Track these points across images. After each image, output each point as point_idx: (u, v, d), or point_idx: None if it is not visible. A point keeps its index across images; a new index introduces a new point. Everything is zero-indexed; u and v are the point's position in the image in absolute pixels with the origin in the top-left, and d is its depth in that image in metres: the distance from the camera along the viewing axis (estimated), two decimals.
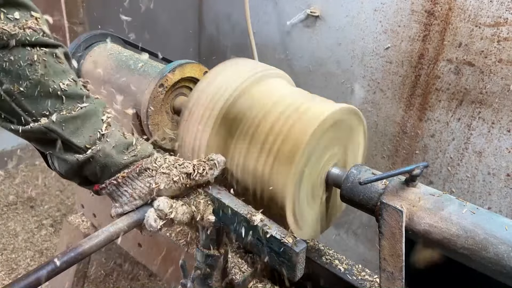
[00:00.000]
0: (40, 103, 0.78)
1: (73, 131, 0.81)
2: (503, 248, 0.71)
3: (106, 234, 0.82)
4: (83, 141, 0.82)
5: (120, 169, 0.87)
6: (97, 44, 1.56)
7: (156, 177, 0.89)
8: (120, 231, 0.84)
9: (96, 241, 0.80)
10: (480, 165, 1.55)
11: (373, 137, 1.85)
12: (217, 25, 2.45)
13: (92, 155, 0.83)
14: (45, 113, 0.78)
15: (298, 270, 0.83)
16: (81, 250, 0.77)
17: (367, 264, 1.56)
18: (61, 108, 0.80)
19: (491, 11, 1.40)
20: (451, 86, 1.56)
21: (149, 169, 0.89)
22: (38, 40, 0.77)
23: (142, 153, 0.90)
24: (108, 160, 0.85)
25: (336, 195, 1.11)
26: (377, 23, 1.71)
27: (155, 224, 0.87)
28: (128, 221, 0.86)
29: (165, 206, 0.88)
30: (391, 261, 0.84)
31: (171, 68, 1.27)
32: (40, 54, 0.77)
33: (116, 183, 0.87)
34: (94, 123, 0.84)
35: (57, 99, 0.79)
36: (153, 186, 0.88)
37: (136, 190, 0.88)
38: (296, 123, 0.96)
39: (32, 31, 0.76)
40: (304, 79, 2.04)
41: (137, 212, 0.89)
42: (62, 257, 0.75)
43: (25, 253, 2.48)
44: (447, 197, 0.83)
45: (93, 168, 0.85)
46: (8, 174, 3.20)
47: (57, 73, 0.80)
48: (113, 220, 0.87)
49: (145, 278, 2.40)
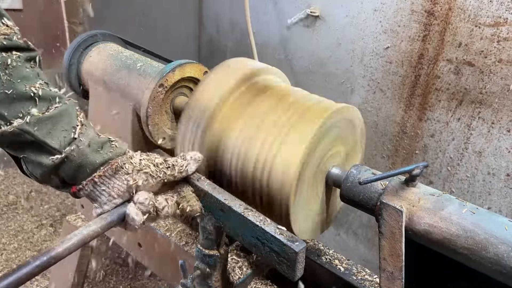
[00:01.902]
0: (14, 105, 0.78)
1: (47, 132, 0.81)
2: (503, 248, 0.71)
3: (79, 236, 0.80)
4: (57, 142, 0.82)
5: (96, 168, 0.86)
6: (97, 44, 1.56)
7: (133, 174, 0.88)
8: (94, 233, 0.83)
9: (69, 244, 0.79)
10: (480, 165, 1.55)
11: (373, 137, 1.85)
12: (217, 25, 2.45)
13: (67, 155, 0.82)
14: (18, 115, 0.79)
15: (297, 270, 0.83)
16: (54, 253, 0.76)
17: (367, 264, 1.56)
18: (35, 109, 0.80)
19: (491, 11, 1.40)
20: (451, 86, 1.56)
21: (125, 166, 0.88)
22: (12, 45, 0.79)
23: (117, 151, 0.90)
24: (83, 160, 0.85)
25: (336, 194, 1.11)
26: (377, 23, 1.71)
27: (137, 218, 0.87)
28: (102, 223, 0.85)
29: (144, 199, 0.88)
30: (391, 261, 0.84)
31: (171, 68, 1.27)
32: (14, 59, 0.78)
33: (93, 182, 0.86)
34: (67, 123, 0.84)
35: (30, 101, 0.80)
36: (131, 183, 0.87)
37: (114, 189, 0.87)
38: (314, 106, 1.00)
39: (6, 36, 0.78)
40: (304, 79, 2.04)
41: (111, 213, 0.87)
42: (34, 262, 0.74)
43: (25, 253, 2.48)
44: (447, 197, 0.83)
45: (69, 169, 0.84)
46: (8, 174, 3.20)
47: (30, 75, 0.81)
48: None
49: (145, 278, 2.40)
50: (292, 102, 1.03)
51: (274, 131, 0.99)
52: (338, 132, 1.02)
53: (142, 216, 0.88)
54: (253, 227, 0.88)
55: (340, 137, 1.05)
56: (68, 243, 0.79)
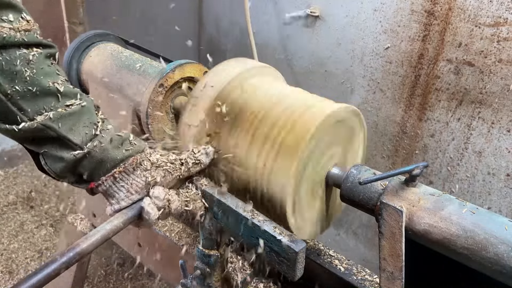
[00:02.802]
0: (37, 101, 0.79)
1: (70, 127, 0.82)
2: (503, 248, 0.71)
3: (102, 232, 0.82)
4: (79, 137, 0.83)
5: (116, 164, 0.88)
6: (97, 44, 1.56)
7: (152, 171, 0.90)
8: (116, 228, 0.84)
9: (93, 240, 0.80)
10: (480, 165, 1.55)
11: (373, 137, 1.85)
12: (217, 25, 2.45)
13: (89, 151, 0.84)
14: (41, 111, 0.79)
15: (297, 270, 0.83)
16: (79, 249, 0.77)
17: (367, 264, 1.56)
18: (57, 105, 0.81)
19: (491, 11, 1.40)
20: (451, 86, 1.56)
21: (144, 163, 0.90)
22: (33, 41, 0.79)
23: (136, 148, 0.91)
24: (104, 155, 0.86)
25: (336, 194, 1.11)
26: (377, 23, 1.71)
27: (152, 212, 0.88)
28: (124, 217, 0.87)
29: (160, 193, 0.90)
30: (391, 261, 0.84)
31: (171, 68, 1.27)
32: (35, 54, 0.79)
33: (113, 178, 0.87)
34: (88, 119, 0.86)
35: (53, 97, 0.81)
36: (150, 179, 0.89)
37: (133, 185, 0.89)
38: (302, 116, 0.96)
39: (27, 32, 0.78)
40: (304, 79, 2.04)
41: (131, 208, 0.89)
42: (61, 258, 0.74)
43: (25, 253, 2.48)
44: (447, 197, 0.83)
45: (89, 165, 0.86)
46: (8, 174, 3.20)
47: (52, 72, 0.82)
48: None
49: (145, 278, 2.40)
50: (267, 135, 0.98)
51: (258, 173, 0.98)
52: (329, 139, 1.00)
53: (157, 211, 0.89)
54: (253, 227, 0.88)
55: (333, 141, 1.02)
56: (92, 238, 0.80)
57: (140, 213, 0.89)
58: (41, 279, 0.71)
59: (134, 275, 2.43)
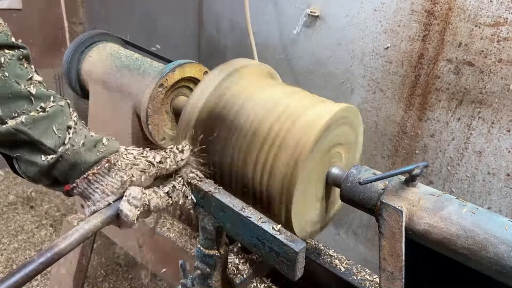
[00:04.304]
0: (8, 105, 0.77)
1: (43, 131, 0.81)
2: (503, 248, 0.71)
3: (81, 232, 0.81)
4: (52, 141, 0.82)
5: (90, 166, 0.86)
6: (97, 44, 1.56)
7: (127, 170, 0.88)
8: (95, 228, 0.84)
9: (72, 240, 0.79)
10: (480, 165, 1.55)
11: (373, 137, 1.85)
12: (217, 25, 2.45)
13: (61, 154, 0.82)
14: (13, 115, 0.78)
15: (297, 270, 0.83)
16: (57, 249, 0.77)
17: (367, 264, 1.56)
18: (30, 109, 0.80)
19: (491, 11, 1.40)
20: (451, 86, 1.56)
21: (118, 163, 0.88)
22: (4, 43, 0.77)
23: (109, 149, 0.90)
24: (77, 158, 0.84)
25: (335, 194, 1.11)
26: (377, 23, 1.71)
27: (130, 213, 0.86)
28: (102, 217, 0.86)
29: (136, 193, 0.88)
30: (391, 261, 0.84)
31: (171, 68, 1.27)
32: (6, 57, 0.77)
33: (87, 180, 0.86)
34: (62, 123, 0.84)
35: (26, 100, 0.79)
36: (125, 179, 0.87)
37: (108, 186, 0.87)
38: (302, 119, 0.97)
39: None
40: (304, 79, 2.04)
41: (110, 207, 0.88)
42: (39, 258, 0.74)
43: (25, 253, 2.48)
44: (447, 197, 0.83)
45: (63, 168, 0.84)
46: (8, 174, 3.19)
47: (24, 74, 0.80)
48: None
49: (145, 278, 2.40)
50: (257, 160, 0.98)
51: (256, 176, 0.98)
52: (337, 134, 1.01)
53: (135, 211, 0.88)
54: (253, 227, 0.87)
55: (339, 138, 1.04)
56: (70, 238, 0.79)
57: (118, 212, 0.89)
58: (18, 280, 0.70)
59: (134, 275, 2.43)
